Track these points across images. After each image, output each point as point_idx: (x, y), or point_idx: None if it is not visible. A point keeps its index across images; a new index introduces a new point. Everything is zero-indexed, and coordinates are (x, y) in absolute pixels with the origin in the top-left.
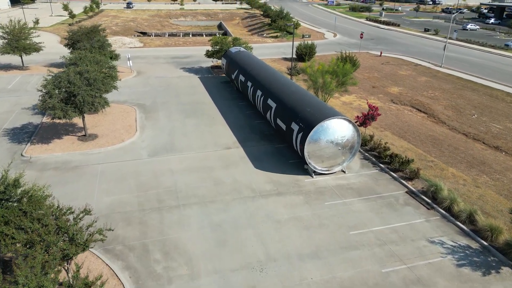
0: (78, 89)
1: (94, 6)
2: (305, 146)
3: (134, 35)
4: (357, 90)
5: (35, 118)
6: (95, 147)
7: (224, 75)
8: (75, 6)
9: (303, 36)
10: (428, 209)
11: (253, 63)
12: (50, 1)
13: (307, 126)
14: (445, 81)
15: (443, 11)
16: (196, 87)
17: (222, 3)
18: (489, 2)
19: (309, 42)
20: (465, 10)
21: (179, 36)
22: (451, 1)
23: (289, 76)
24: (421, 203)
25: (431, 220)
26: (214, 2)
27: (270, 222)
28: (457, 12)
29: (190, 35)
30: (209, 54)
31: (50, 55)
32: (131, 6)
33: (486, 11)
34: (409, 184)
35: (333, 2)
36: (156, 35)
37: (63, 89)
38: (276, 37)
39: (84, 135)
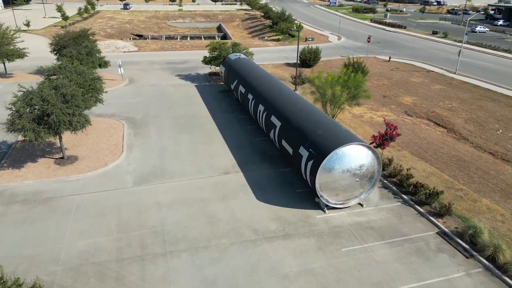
0: (52, 107)
1: (89, 7)
2: (317, 177)
3: (130, 38)
4: (367, 100)
5: (10, 136)
6: (73, 172)
7: (223, 83)
8: (70, 8)
9: (306, 40)
10: (467, 257)
11: (254, 72)
12: (43, 2)
13: (319, 153)
14: (462, 90)
15: (448, 12)
16: (192, 97)
17: (222, 4)
18: (495, 3)
19: (313, 46)
20: (470, 11)
21: (177, 39)
22: (456, 2)
23: (293, 86)
24: (458, 249)
25: (472, 273)
26: (214, 3)
27: (277, 278)
28: (463, 13)
29: (188, 38)
30: (206, 61)
31: (38, 61)
32: (128, 7)
33: (493, 12)
34: (440, 223)
35: (335, 3)
36: (153, 38)
37: (36, 107)
38: (277, 40)
39: (62, 158)
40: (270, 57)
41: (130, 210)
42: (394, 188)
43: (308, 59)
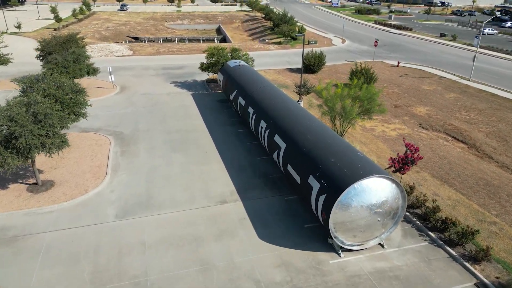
0: (21, 129)
1: (85, 8)
2: (331, 216)
3: (125, 41)
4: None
5: None
6: (47, 202)
7: (221, 91)
8: (66, 8)
9: (309, 43)
10: None
11: (256, 82)
12: (37, 3)
13: (333, 187)
14: (478, 99)
15: (453, 13)
16: (187, 108)
17: (222, 5)
18: (502, 4)
19: (317, 50)
20: (476, 13)
21: (174, 41)
22: (460, 3)
23: (297, 96)
24: None
25: None
26: (213, 4)
27: None
28: (469, 14)
29: (186, 41)
30: (203, 67)
31: (26, 66)
32: (125, 8)
33: (499, 13)
34: (477, 270)
35: (337, 4)
36: (150, 40)
37: (4, 128)
38: (279, 43)
39: (36, 184)
40: (272, 61)
41: (109, 252)
42: (418, 222)
43: (312, 65)
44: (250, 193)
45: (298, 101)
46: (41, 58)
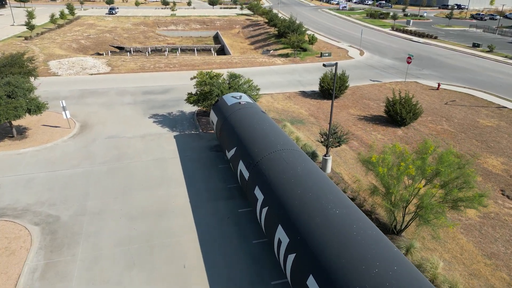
0: None
1: (67, 13)
2: None
3: (106, 52)
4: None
5: None
6: None
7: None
8: (48, 13)
9: (321, 55)
10: None
11: (266, 141)
12: (23, 6)
13: None
14: None
15: (472, 17)
16: (166, 164)
17: (221, 8)
18: None
19: (332, 66)
20: (497, 16)
21: (165, 52)
22: (477, 5)
23: (319, 147)
24: None
25: None
26: (211, 6)
27: None
28: (490, 18)
29: (178, 51)
30: (192, 100)
31: None
32: (114, 12)
33: None
34: None
35: (345, 7)
36: (136, 50)
37: None
38: (286, 55)
39: None
40: (279, 81)
41: None
42: None
43: (331, 88)
44: None
45: (325, 155)
46: None
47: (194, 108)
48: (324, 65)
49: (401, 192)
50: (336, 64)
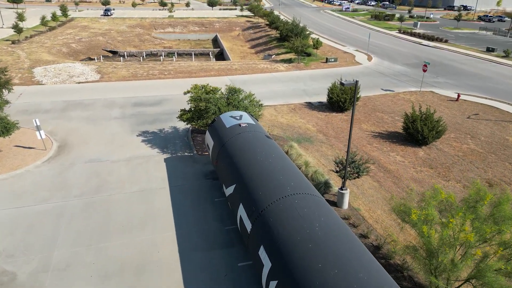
0: None
1: (61, 14)
2: None
3: (98, 57)
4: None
5: None
6: None
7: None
8: (41, 14)
9: (327, 60)
10: None
11: (273, 176)
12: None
13: None
14: None
15: (480, 18)
16: (153, 197)
17: (220, 9)
18: None
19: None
20: (506, 18)
21: (160, 56)
22: (483, 6)
23: (336, 179)
24: None
25: None
26: (211, 8)
27: None
28: (498, 20)
29: (175, 56)
30: (185, 118)
31: None
32: (109, 13)
33: None
34: None
35: (349, 8)
36: (130, 55)
37: None
38: (289, 60)
39: None
40: (283, 90)
41: None
42: None
43: (342, 101)
44: None
45: (341, 188)
46: None
47: (189, 124)
48: (341, 83)
49: (452, 259)
50: (356, 82)
